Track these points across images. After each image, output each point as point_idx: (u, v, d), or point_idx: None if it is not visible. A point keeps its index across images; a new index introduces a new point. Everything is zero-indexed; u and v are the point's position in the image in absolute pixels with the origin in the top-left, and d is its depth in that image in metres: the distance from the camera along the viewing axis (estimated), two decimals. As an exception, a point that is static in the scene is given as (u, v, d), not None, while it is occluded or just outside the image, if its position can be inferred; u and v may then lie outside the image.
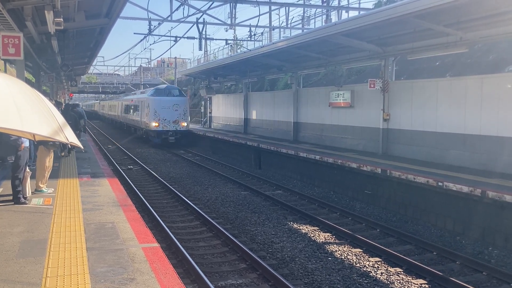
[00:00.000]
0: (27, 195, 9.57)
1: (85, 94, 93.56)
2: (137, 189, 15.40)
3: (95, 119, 78.15)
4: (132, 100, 39.47)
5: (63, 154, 16.59)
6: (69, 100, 52.73)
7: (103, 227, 7.60)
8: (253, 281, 8.20)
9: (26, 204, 9.08)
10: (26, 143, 9.52)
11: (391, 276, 8.54)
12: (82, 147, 6.06)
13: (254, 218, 12.55)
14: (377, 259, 9.45)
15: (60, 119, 5.47)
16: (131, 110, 38.84)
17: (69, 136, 5.24)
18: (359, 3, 28.15)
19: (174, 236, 10.16)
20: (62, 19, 10.85)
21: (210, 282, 7.69)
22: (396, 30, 15.08)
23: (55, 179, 11.73)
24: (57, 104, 16.46)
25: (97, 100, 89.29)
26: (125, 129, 43.68)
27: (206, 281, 7.64)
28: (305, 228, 11.63)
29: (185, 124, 31.32)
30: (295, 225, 11.87)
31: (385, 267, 9.03)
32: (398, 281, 8.33)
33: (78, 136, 18.28)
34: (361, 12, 22.58)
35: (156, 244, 6.84)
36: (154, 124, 30.59)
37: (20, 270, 5.55)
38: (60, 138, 5.06)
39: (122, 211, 8.78)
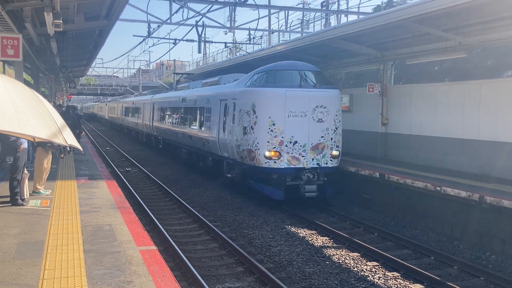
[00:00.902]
0: (25, 196, 9.55)
1: (84, 96, 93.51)
2: (134, 192, 15.36)
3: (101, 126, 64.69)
4: (185, 97, 21.36)
5: (62, 156, 16.48)
6: (68, 102, 52.71)
7: (100, 229, 7.58)
8: (250, 285, 8.18)
9: (23, 205, 9.06)
10: (25, 145, 9.51)
11: (389, 281, 8.53)
12: (81, 149, 6.08)
13: (252, 222, 12.53)
14: (375, 263, 9.44)
15: (59, 121, 5.46)
16: (189, 118, 20.28)
17: (68, 138, 5.23)
18: (358, 8, 28.20)
19: (172, 239, 10.14)
20: (61, 21, 10.86)
21: (207, 285, 7.67)
22: (395, 35, 15.11)
23: (53, 181, 11.71)
24: (58, 107, 16.42)
25: (101, 101, 74.84)
26: (160, 149, 27.10)
27: (203, 284, 7.63)
28: (302, 232, 11.61)
29: (337, 153, 14.53)
30: (292, 229, 11.85)
31: (382, 271, 9.02)
32: (396, 286, 8.32)
33: (78, 137, 18.25)
34: (360, 16, 22.62)
35: (154, 247, 6.83)
36: (267, 153, 13.73)
37: (17, 272, 5.53)
38: (59, 140, 5.05)
39: (120, 214, 8.76)
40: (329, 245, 10.68)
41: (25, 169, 9.67)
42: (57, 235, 7.16)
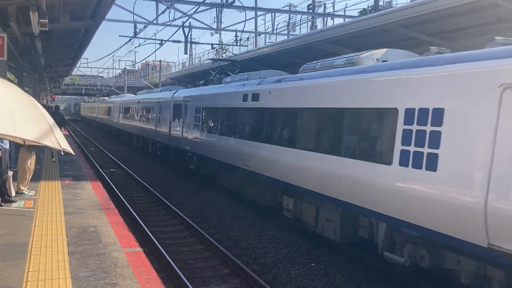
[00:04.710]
0: (12, 195, 9.51)
1: (68, 96, 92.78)
2: (119, 193, 15.25)
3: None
4: None
5: (53, 160, 16.05)
6: (52, 102, 52.27)
7: (85, 231, 7.54)
8: (235, 287, 8.19)
9: (2, 206, 8.98)
10: (7, 145, 9.42)
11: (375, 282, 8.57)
12: (74, 153, 6.07)
13: (238, 223, 12.51)
14: (360, 265, 9.47)
15: (54, 126, 5.46)
16: None
17: (62, 143, 5.24)
18: (344, 11, 28.47)
19: (157, 241, 10.09)
20: (47, 21, 10.78)
21: (192, 287, 7.65)
22: (381, 38, 15.25)
23: (37, 182, 11.61)
24: (46, 109, 16.16)
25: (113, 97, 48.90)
26: None
27: (188, 286, 7.61)
28: (288, 234, 11.61)
29: None
30: (278, 231, 11.85)
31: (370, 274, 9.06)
32: (380, 288, 8.36)
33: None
34: (346, 20, 22.79)
35: (139, 249, 6.81)
36: None
37: (0, 274, 5.47)
38: (53, 144, 5.06)
39: (105, 215, 8.72)
40: (315, 247, 10.70)
41: (8, 170, 9.58)
42: (41, 236, 7.10)
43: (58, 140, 5.12)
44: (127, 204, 13.55)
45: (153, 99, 25.04)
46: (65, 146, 5.27)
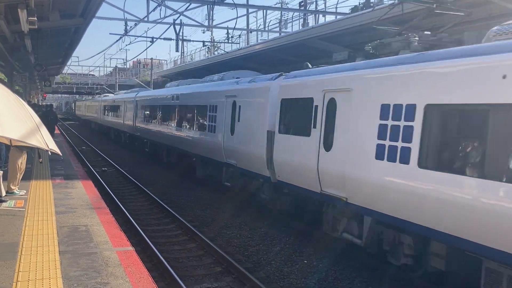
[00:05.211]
0: (2, 195, 9.43)
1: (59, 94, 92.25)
2: (111, 191, 15.18)
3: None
4: None
5: (40, 160, 15.94)
6: (43, 101, 51.99)
7: (76, 230, 7.49)
8: (228, 285, 8.17)
9: None
10: (-3, 145, 9.36)
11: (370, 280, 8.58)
12: (61, 154, 6.03)
13: (231, 221, 12.50)
14: (353, 262, 9.48)
15: (41, 126, 5.41)
16: None
17: (49, 143, 5.20)
18: (336, 8, 28.42)
19: (149, 239, 10.05)
20: (36, 18, 10.68)
21: (185, 285, 7.63)
22: (374, 35, 15.24)
23: (28, 181, 11.52)
24: (33, 106, 16.05)
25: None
26: None
27: (181, 285, 7.58)
28: (281, 232, 11.61)
29: None
30: (271, 228, 11.84)
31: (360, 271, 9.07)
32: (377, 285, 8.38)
33: (52, 133, 17.90)
34: (338, 17, 22.79)
35: (131, 248, 6.77)
36: None
37: (-10, 274, 5.42)
38: (40, 144, 5.03)
39: (96, 214, 8.67)
40: (307, 244, 10.71)
41: (-1, 169, 9.52)
42: (32, 236, 7.04)
43: (45, 140, 5.08)
44: (119, 203, 13.49)
45: (214, 92, 15.70)
46: (52, 146, 5.23)
